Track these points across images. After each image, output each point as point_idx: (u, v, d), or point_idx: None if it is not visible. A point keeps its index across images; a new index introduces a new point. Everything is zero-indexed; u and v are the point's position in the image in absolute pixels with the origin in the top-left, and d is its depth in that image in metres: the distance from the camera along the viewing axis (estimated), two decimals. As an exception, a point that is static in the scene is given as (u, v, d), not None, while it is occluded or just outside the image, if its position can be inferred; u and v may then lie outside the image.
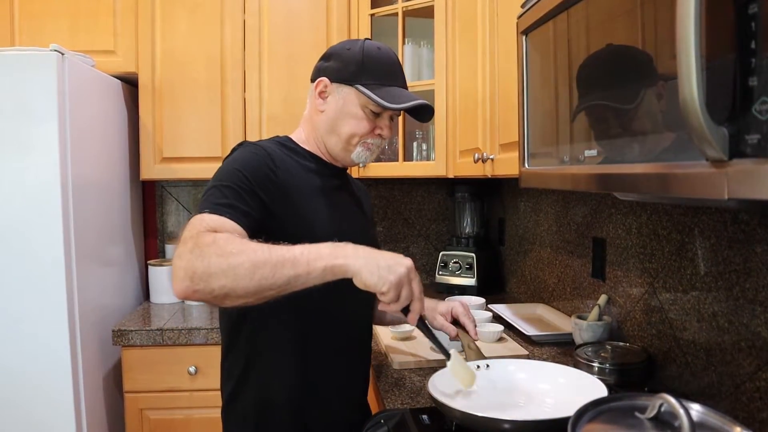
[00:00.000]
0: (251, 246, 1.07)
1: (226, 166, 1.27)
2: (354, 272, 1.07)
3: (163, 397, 2.24)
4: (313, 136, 1.43)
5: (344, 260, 1.07)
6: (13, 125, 1.93)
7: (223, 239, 1.08)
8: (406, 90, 1.40)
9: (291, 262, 1.05)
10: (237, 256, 1.05)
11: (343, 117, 1.37)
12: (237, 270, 1.04)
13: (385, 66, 1.37)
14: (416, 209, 3.04)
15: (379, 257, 1.09)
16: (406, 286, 1.09)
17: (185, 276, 1.05)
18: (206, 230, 1.11)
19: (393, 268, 1.08)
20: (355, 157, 1.41)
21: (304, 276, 1.06)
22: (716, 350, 1.25)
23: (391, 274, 1.07)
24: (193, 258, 1.05)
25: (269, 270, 1.05)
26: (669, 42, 0.75)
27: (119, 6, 2.50)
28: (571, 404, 1.00)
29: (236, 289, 1.05)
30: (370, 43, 1.39)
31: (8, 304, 1.96)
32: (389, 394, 1.47)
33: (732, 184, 0.63)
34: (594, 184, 1.00)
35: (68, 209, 2.00)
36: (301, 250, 1.07)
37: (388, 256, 1.11)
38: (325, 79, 1.37)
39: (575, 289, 1.97)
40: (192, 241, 1.08)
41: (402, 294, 1.09)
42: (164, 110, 2.54)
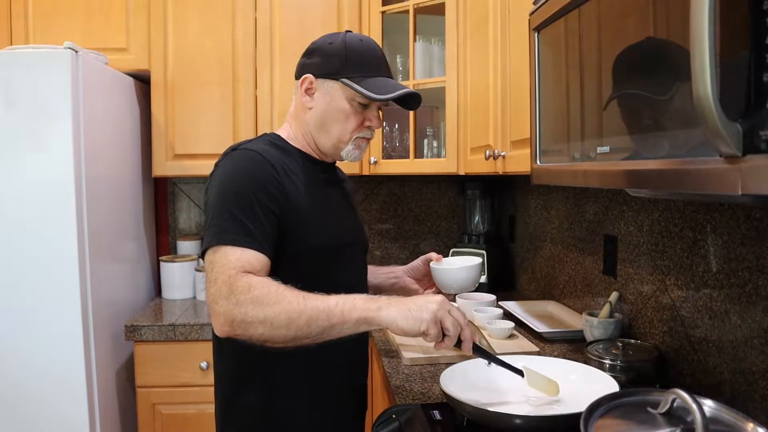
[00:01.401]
0: (287, 296, 1.10)
1: (230, 183, 1.25)
2: (389, 322, 1.10)
3: (176, 392, 2.26)
4: (302, 133, 1.42)
5: (377, 312, 1.10)
6: (28, 122, 1.95)
7: (259, 287, 1.11)
8: (391, 79, 1.39)
9: (326, 314, 1.09)
10: (273, 306, 1.09)
11: (332, 113, 1.36)
12: (274, 321, 1.09)
13: (368, 57, 1.36)
14: (427, 206, 3.04)
15: (409, 302, 1.12)
16: (446, 317, 1.11)
17: (225, 322, 1.11)
18: (238, 272, 1.13)
19: (424, 306, 1.11)
20: (345, 154, 1.41)
21: (339, 326, 1.10)
22: (728, 348, 1.25)
23: (425, 312, 1.10)
24: (230, 306, 1.10)
25: (305, 321, 1.09)
26: (682, 38, 0.75)
27: (132, 4, 2.52)
28: (582, 400, 1.00)
29: (273, 338, 1.11)
30: (351, 35, 1.38)
31: (23, 299, 1.99)
32: (400, 390, 1.48)
33: (746, 179, 0.63)
34: (607, 180, 1.00)
35: (82, 205, 2.02)
36: (336, 301, 1.10)
37: (419, 298, 1.14)
38: (310, 76, 1.36)
39: (586, 287, 1.97)
40: (226, 286, 1.11)
41: (446, 327, 1.12)
42: (176, 107, 2.55)
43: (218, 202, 1.23)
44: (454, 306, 1.15)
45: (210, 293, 1.14)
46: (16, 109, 1.95)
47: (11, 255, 1.98)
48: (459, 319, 1.14)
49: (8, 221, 1.97)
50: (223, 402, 1.40)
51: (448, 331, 1.12)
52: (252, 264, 1.16)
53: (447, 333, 1.12)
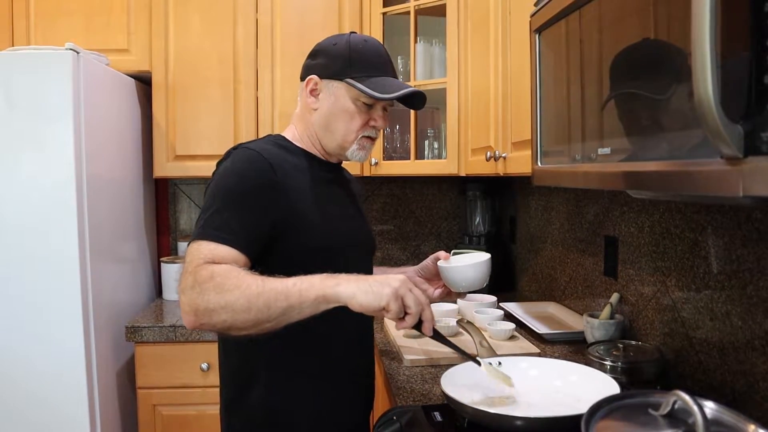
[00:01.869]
0: (246, 280, 1.09)
1: (224, 180, 1.26)
2: (347, 297, 1.08)
3: (176, 393, 2.26)
4: (307, 134, 1.42)
5: (335, 288, 1.08)
6: (29, 123, 1.95)
7: (220, 274, 1.10)
8: (396, 79, 1.39)
9: (284, 294, 1.08)
10: (232, 291, 1.08)
11: (337, 113, 1.36)
12: (234, 306, 1.08)
13: (372, 57, 1.36)
14: (427, 207, 3.04)
15: (370, 278, 1.11)
16: (407, 294, 1.09)
17: (190, 311, 1.10)
18: (204, 263, 1.13)
19: (385, 282, 1.09)
20: (350, 155, 1.40)
21: (298, 307, 1.09)
22: (729, 349, 1.25)
23: (385, 288, 1.08)
24: (194, 294, 1.10)
25: (263, 303, 1.08)
26: (683, 40, 0.75)
27: (133, 5, 2.52)
28: (583, 401, 1.00)
29: (236, 323, 1.10)
30: (355, 36, 1.39)
31: (24, 300, 1.99)
32: (401, 391, 1.48)
33: (747, 181, 0.63)
34: (607, 181, 1.00)
35: (83, 206, 2.02)
36: (293, 282, 1.09)
37: (379, 276, 1.13)
38: (315, 77, 1.37)
39: (587, 288, 1.97)
40: (192, 276, 1.11)
41: (407, 303, 1.09)
42: (177, 108, 2.56)
43: (210, 199, 1.24)
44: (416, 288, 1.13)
45: (180, 285, 1.14)
46: (18, 110, 1.95)
47: (12, 255, 1.98)
48: (420, 298, 1.11)
49: (9, 222, 1.97)
50: (228, 402, 1.39)
51: (410, 309, 1.10)
52: (223, 257, 1.16)
53: (408, 311, 1.10)
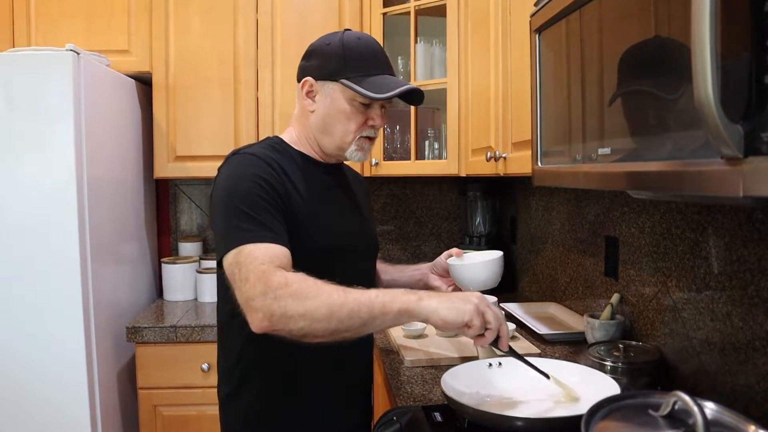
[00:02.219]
0: (326, 289, 1.10)
1: (236, 185, 1.24)
2: (430, 312, 1.09)
3: (177, 394, 2.26)
4: (306, 136, 1.41)
5: (417, 303, 1.10)
6: (30, 124, 1.96)
7: (296, 281, 1.10)
8: (392, 76, 1.37)
9: (367, 305, 1.09)
10: (313, 300, 1.08)
11: (334, 115, 1.35)
12: (314, 314, 1.08)
13: (367, 55, 1.34)
14: (428, 208, 3.04)
15: (450, 295, 1.13)
16: (488, 311, 1.12)
17: (264, 317, 1.09)
18: (269, 267, 1.12)
19: (466, 298, 1.12)
20: (349, 155, 1.39)
21: (380, 318, 1.10)
22: (730, 350, 1.25)
23: (468, 304, 1.10)
24: (269, 301, 1.09)
25: (346, 314, 1.08)
26: (683, 40, 0.75)
27: (133, 6, 2.52)
28: (583, 402, 1.00)
29: (314, 331, 1.10)
30: (349, 34, 1.36)
31: (25, 301, 1.99)
32: (401, 392, 1.48)
33: (747, 181, 0.63)
34: (608, 181, 1.00)
35: (83, 207, 2.03)
36: (376, 293, 1.10)
37: (454, 294, 1.15)
38: (310, 79, 1.35)
39: (587, 288, 1.97)
40: (261, 283, 1.10)
41: (488, 320, 1.12)
42: (178, 109, 2.56)
43: (227, 206, 1.22)
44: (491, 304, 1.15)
45: (243, 292, 1.12)
46: (18, 111, 1.95)
47: (13, 256, 1.98)
48: (498, 314, 1.14)
49: (10, 223, 1.97)
50: (225, 399, 1.40)
51: (490, 325, 1.12)
52: (280, 258, 1.15)
53: (489, 326, 1.12)
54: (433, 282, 1.61)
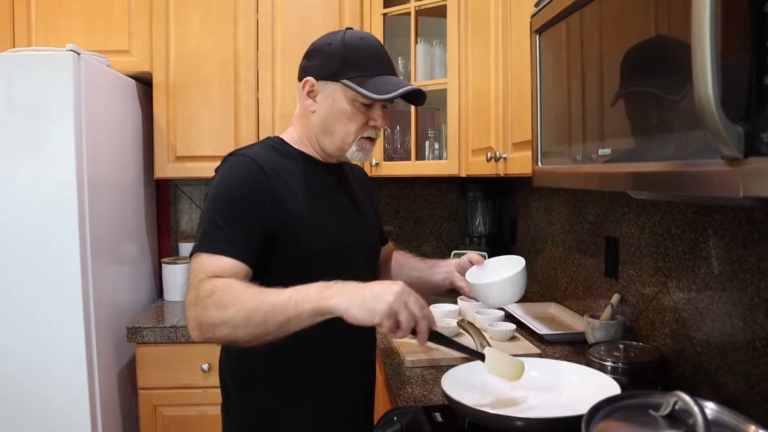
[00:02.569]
0: (244, 295, 1.11)
1: (218, 190, 1.27)
2: (342, 311, 1.08)
3: (177, 394, 2.26)
4: (307, 136, 1.40)
5: (330, 301, 1.08)
6: (30, 124, 1.96)
7: (220, 289, 1.13)
8: (394, 76, 1.35)
9: (281, 307, 1.09)
10: (232, 307, 1.10)
11: (335, 115, 1.34)
12: (234, 321, 1.10)
13: (368, 55, 1.32)
14: (428, 208, 3.04)
15: (365, 290, 1.09)
16: (402, 311, 1.08)
17: (195, 326, 1.14)
18: (206, 277, 1.15)
19: (381, 296, 1.07)
20: (350, 155, 1.38)
21: (295, 319, 1.09)
22: (730, 350, 1.25)
23: (380, 303, 1.06)
24: (197, 310, 1.13)
25: (261, 318, 1.09)
26: (683, 40, 0.75)
27: (134, 6, 2.52)
28: (584, 402, 1.00)
29: (238, 337, 1.13)
30: (351, 33, 1.35)
31: (25, 301, 1.99)
32: (402, 392, 1.48)
33: (747, 182, 0.63)
34: (608, 182, 1.00)
35: (84, 207, 2.03)
36: (289, 294, 1.10)
37: (375, 286, 1.10)
38: (311, 79, 1.34)
39: (588, 289, 1.97)
40: (194, 291, 1.15)
41: (401, 319, 1.08)
42: (178, 109, 2.56)
43: (207, 210, 1.26)
44: (414, 295, 1.11)
45: (186, 300, 1.18)
46: (19, 111, 1.95)
47: (13, 257, 1.98)
48: (415, 311, 1.09)
49: (10, 223, 1.97)
50: (227, 403, 1.40)
51: (402, 325, 1.09)
52: (223, 269, 1.17)
53: (401, 326, 1.09)
54: (458, 282, 1.55)
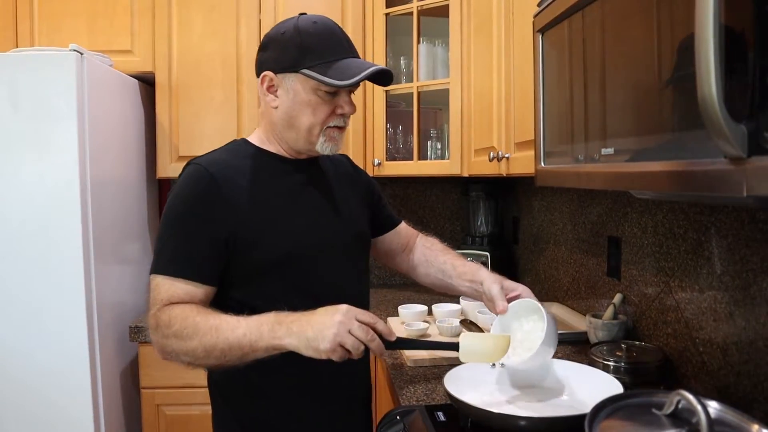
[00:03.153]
0: (201, 328, 1.14)
1: (168, 206, 1.26)
2: (293, 349, 1.12)
3: (180, 393, 2.26)
4: (273, 134, 1.34)
5: (282, 341, 1.11)
6: (33, 124, 1.96)
7: (178, 321, 1.16)
8: (356, 58, 1.28)
9: (237, 345, 1.13)
10: (191, 340, 1.14)
11: (299, 108, 1.27)
12: (194, 353, 1.15)
13: (326, 40, 1.25)
14: (430, 208, 3.04)
15: (308, 328, 1.10)
16: (346, 339, 1.08)
17: (158, 351, 1.20)
18: (162, 306, 1.19)
19: (321, 333, 1.08)
20: (320, 148, 1.31)
21: (252, 355, 1.14)
22: (733, 350, 1.25)
23: (322, 342, 1.08)
24: (158, 337, 1.18)
25: (220, 353, 1.13)
26: (686, 40, 0.75)
27: (136, 6, 2.53)
28: (586, 401, 1.00)
29: (201, 366, 1.21)
30: (304, 18, 1.27)
31: (28, 300, 1.99)
32: (404, 391, 1.48)
33: (751, 181, 0.63)
34: (611, 181, 1.00)
35: (87, 207, 2.03)
36: (243, 332, 1.13)
37: (315, 321, 1.10)
38: (269, 73, 1.27)
39: (590, 288, 1.97)
40: (154, 320, 1.19)
41: (348, 348, 1.09)
42: (180, 109, 2.56)
43: (161, 229, 1.26)
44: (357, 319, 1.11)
45: (146, 320, 1.23)
46: (22, 111, 1.95)
47: (16, 256, 1.99)
48: (361, 336, 1.09)
49: (13, 223, 1.98)
50: (216, 412, 1.40)
51: (352, 352, 1.10)
52: (179, 296, 1.20)
53: (350, 355, 1.10)
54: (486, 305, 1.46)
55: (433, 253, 1.60)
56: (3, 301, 1.99)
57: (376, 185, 1.62)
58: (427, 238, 1.66)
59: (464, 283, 1.50)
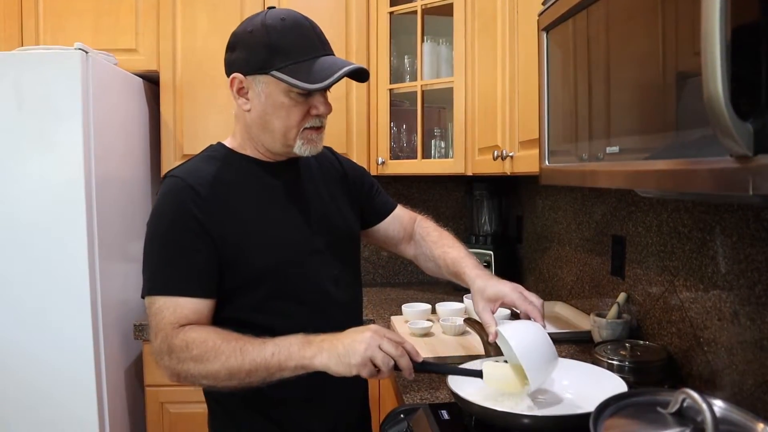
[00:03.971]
0: (224, 350, 1.11)
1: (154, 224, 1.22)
2: (322, 368, 1.10)
3: (184, 391, 2.25)
4: (248, 137, 1.29)
5: (311, 360, 1.10)
6: (39, 122, 1.97)
7: (196, 345, 1.12)
8: (328, 56, 1.22)
9: (264, 366, 1.10)
10: (213, 363, 1.11)
11: (271, 111, 1.22)
12: (216, 376, 1.12)
13: (296, 39, 1.19)
14: (434, 207, 3.04)
15: (338, 344, 1.10)
16: (377, 355, 1.09)
17: (171, 375, 1.16)
18: (173, 328, 1.15)
19: (351, 348, 1.09)
20: (298, 150, 1.26)
21: (278, 374, 1.12)
22: (737, 349, 1.25)
23: (352, 357, 1.08)
24: (173, 362, 1.14)
25: (245, 374, 1.11)
26: (691, 38, 0.75)
27: (141, 5, 2.53)
28: (591, 400, 1.00)
29: (221, 388, 1.15)
30: (272, 15, 1.20)
31: (33, 298, 2.00)
32: (408, 389, 1.48)
33: (757, 179, 0.63)
34: (615, 180, 1.00)
35: (92, 205, 2.04)
36: (272, 352, 1.10)
37: (345, 338, 1.11)
38: (239, 75, 1.21)
39: (594, 287, 1.97)
40: (166, 345, 1.14)
41: (377, 363, 1.09)
42: (185, 107, 2.57)
43: (148, 246, 1.22)
44: (387, 336, 1.11)
45: (153, 347, 1.17)
46: (27, 109, 1.96)
47: (21, 254, 1.99)
48: (391, 351, 1.10)
49: (18, 221, 1.99)
50: (211, 415, 1.40)
51: (381, 367, 1.09)
52: (187, 316, 1.16)
53: (380, 368, 1.10)
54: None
55: (429, 246, 1.54)
56: (8, 298, 2.00)
57: (366, 173, 1.56)
58: (424, 224, 1.60)
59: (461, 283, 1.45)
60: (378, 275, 3.02)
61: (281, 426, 1.31)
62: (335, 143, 2.59)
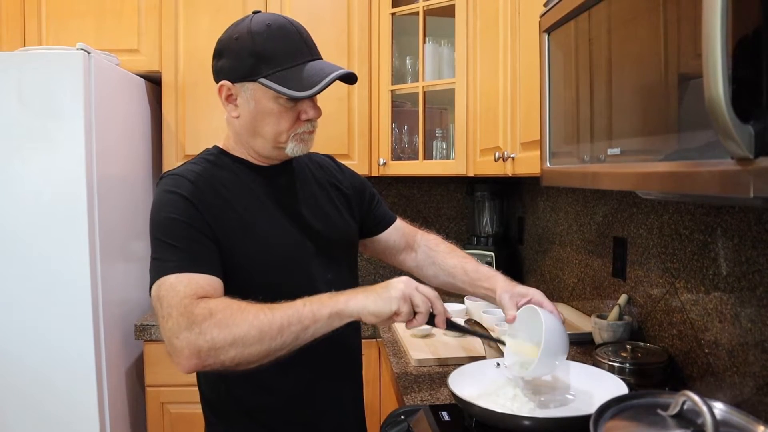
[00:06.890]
0: (251, 311, 1.06)
1: (160, 215, 1.19)
2: (359, 309, 1.08)
3: (184, 392, 2.26)
4: (240, 141, 1.30)
5: (346, 303, 1.08)
6: (41, 123, 1.97)
7: (220, 310, 1.06)
8: (316, 60, 1.22)
9: (296, 317, 1.06)
10: (240, 325, 1.04)
11: (261, 117, 1.22)
12: (245, 339, 1.04)
13: (282, 45, 1.19)
14: (435, 208, 3.04)
15: (374, 286, 1.11)
16: (415, 294, 1.09)
17: (191, 354, 1.04)
18: (191, 300, 1.07)
19: (390, 286, 1.09)
20: (290, 152, 1.26)
21: (312, 327, 1.07)
22: (738, 351, 1.24)
23: (392, 291, 1.08)
24: (194, 337, 1.04)
25: (276, 330, 1.05)
26: (693, 40, 0.75)
27: (143, 5, 2.54)
28: (591, 402, 1.00)
29: (248, 357, 1.06)
30: (258, 21, 1.21)
31: (34, 298, 2.00)
32: (408, 391, 1.48)
33: (758, 182, 0.63)
34: (617, 182, 1.00)
35: (93, 205, 2.04)
36: (302, 303, 1.08)
37: (381, 283, 1.12)
38: (227, 82, 1.23)
39: (595, 289, 1.97)
40: (184, 318, 1.05)
41: (416, 303, 1.09)
42: (187, 108, 2.57)
43: (154, 237, 1.18)
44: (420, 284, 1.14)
45: (167, 329, 1.06)
46: (29, 109, 1.96)
47: (22, 254, 1.99)
48: (428, 294, 1.11)
49: (20, 220, 1.99)
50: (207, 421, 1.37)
51: (419, 308, 1.10)
52: (204, 288, 1.10)
53: (417, 310, 1.10)
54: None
55: (440, 256, 1.56)
56: (8, 298, 2.00)
57: (367, 184, 1.56)
58: (429, 236, 1.62)
59: (479, 290, 1.48)
60: (379, 276, 3.02)
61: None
62: (336, 144, 2.61)
